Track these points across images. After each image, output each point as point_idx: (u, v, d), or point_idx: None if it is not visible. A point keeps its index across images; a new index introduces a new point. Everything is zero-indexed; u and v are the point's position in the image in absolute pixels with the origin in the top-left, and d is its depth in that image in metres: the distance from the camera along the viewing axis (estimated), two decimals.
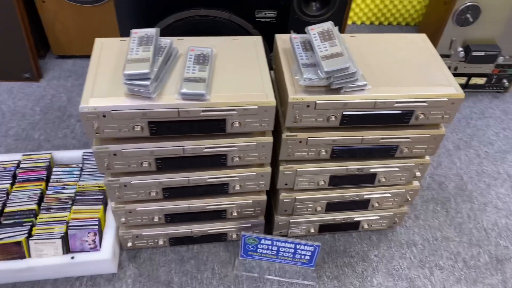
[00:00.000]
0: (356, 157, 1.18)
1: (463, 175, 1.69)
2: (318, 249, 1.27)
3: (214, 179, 1.16)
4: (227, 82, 1.03)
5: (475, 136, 1.86)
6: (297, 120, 1.05)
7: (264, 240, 1.27)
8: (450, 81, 1.09)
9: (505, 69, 1.96)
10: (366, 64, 1.11)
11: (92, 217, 1.29)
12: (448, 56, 1.89)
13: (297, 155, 1.15)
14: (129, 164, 1.08)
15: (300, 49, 1.08)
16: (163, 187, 1.16)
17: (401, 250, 1.42)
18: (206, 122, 1.01)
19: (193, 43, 1.13)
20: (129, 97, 0.96)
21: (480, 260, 1.41)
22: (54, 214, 1.30)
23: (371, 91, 1.04)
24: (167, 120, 0.99)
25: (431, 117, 1.10)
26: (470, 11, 1.75)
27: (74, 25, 1.95)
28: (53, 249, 1.23)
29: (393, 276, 1.35)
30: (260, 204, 1.27)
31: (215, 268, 1.33)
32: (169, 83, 1.01)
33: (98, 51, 1.09)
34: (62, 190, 1.37)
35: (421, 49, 1.19)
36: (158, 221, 1.25)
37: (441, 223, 1.51)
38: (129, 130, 1.00)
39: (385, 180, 1.25)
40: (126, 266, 1.32)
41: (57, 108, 1.85)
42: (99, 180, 1.40)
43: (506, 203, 1.60)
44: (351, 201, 1.31)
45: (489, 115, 1.97)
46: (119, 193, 1.15)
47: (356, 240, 1.44)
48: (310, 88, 1.03)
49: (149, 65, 0.95)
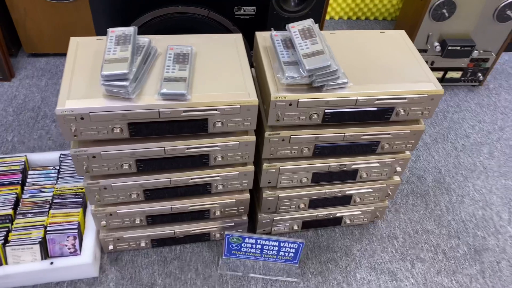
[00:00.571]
0: (338, 154, 1.18)
1: (441, 168, 1.72)
2: (302, 246, 1.27)
3: (196, 179, 1.15)
4: (208, 81, 1.02)
5: (452, 129, 1.90)
6: (279, 118, 1.05)
7: (247, 239, 1.26)
8: (430, 77, 1.10)
9: (479, 63, 2.00)
10: (347, 61, 1.11)
11: (71, 220, 1.25)
12: (425, 50, 1.92)
13: (280, 153, 1.15)
14: (108, 166, 1.05)
15: (281, 47, 1.07)
16: (144, 189, 1.14)
17: (382, 244, 1.44)
18: (188, 122, 0.99)
19: (172, 42, 1.11)
20: (107, 98, 0.94)
21: (459, 251, 1.44)
22: (31, 219, 1.26)
23: (352, 88, 1.04)
24: (147, 121, 0.97)
25: (411, 113, 1.11)
26: (446, 6, 1.78)
27: (46, 22, 1.89)
28: (31, 255, 1.20)
29: (375, 270, 1.36)
30: (243, 203, 1.26)
31: (198, 268, 1.32)
32: (148, 83, 0.99)
33: (74, 51, 1.06)
34: (38, 194, 1.33)
35: (400, 45, 1.20)
36: (139, 223, 1.23)
37: (421, 216, 1.54)
38: (108, 132, 0.97)
39: (367, 176, 1.27)
40: (108, 270, 1.30)
41: (31, 109, 1.79)
42: (77, 182, 1.36)
43: (483, 194, 1.63)
44: (333, 197, 1.32)
45: (465, 108, 2.01)
46: (99, 196, 1.12)
47: (339, 236, 1.45)
48: (292, 86, 1.03)
49: (128, 65, 0.92)
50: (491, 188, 1.66)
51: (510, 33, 1.90)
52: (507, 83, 2.18)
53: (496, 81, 2.18)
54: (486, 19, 1.84)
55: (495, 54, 1.97)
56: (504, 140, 1.86)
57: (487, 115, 1.99)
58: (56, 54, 2.06)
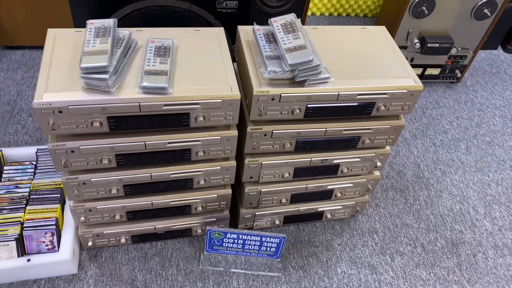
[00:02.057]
0: (319, 149, 1.19)
1: (420, 163, 1.75)
2: (283, 241, 1.27)
3: (177, 174, 1.14)
4: (190, 75, 1.01)
5: (431, 125, 1.93)
6: (261, 113, 1.05)
7: (229, 234, 1.26)
8: (410, 73, 1.12)
9: (457, 60, 2.04)
10: (329, 56, 1.12)
11: (48, 216, 1.23)
12: (405, 47, 1.95)
13: (262, 148, 1.15)
14: (88, 161, 1.03)
15: (264, 41, 1.07)
16: (124, 184, 1.12)
17: (363, 238, 1.46)
18: (169, 116, 0.98)
19: (153, 35, 1.09)
20: (86, 91, 0.92)
21: (437, 244, 1.47)
22: (7, 215, 1.23)
23: (334, 83, 1.04)
24: (127, 115, 0.95)
25: (392, 108, 1.12)
26: (426, 4, 1.80)
27: (22, 14, 1.84)
28: (7, 252, 1.17)
29: (356, 264, 1.38)
30: (225, 198, 1.26)
31: (180, 264, 1.31)
32: (128, 77, 0.97)
33: (52, 43, 1.03)
34: (14, 190, 1.29)
35: (381, 41, 1.21)
36: (119, 219, 1.21)
37: (400, 211, 1.56)
38: (87, 126, 0.95)
39: (348, 171, 1.28)
40: (87, 266, 1.27)
41: (6, 102, 1.75)
42: (55, 178, 1.33)
43: (460, 189, 1.67)
44: (315, 192, 1.32)
45: (443, 104, 2.05)
46: (78, 191, 1.10)
47: (320, 230, 1.46)
48: (274, 81, 1.02)
49: (108, 58, 0.91)
50: (468, 183, 1.69)
51: (487, 31, 1.94)
52: (483, 80, 2.23)
53: (473, 78, 2.23)
54: (464, 17, 1.87)
55: (472, 51, 2.01)
56: (480, 136, 1.91)
57: (464, 111, 2.03)
58: (32, 47, 2.01)
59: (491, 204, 1.62)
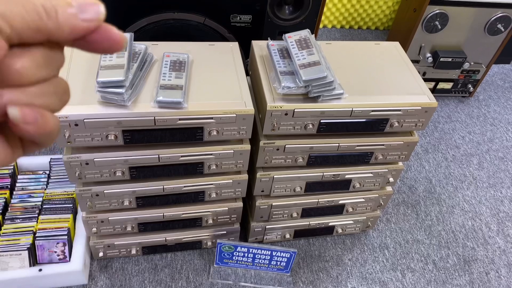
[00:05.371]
0: (332, 163, 1.19)
1: (431, 178, 1.74)
2: (294, 256, 1.27)
3: (190, 187, 1.14)
4: (204, 89, 1.01)
5: (443, 140, 1.92)
6: (274, 127, 1.05)
7: (240, 247, 1.26)
8: (423, 89, 1.11)
9: (470, 74, 2.03)
10: (342, 72, 1.12)
11: (61, 226, 1.24)
12: (417, 61, 1.94)
13: (274, 162, 1.15)
14: (101, 173, 1.04)
15: (278, 56, 1.07)
16: (137, 196, 1.13)
17: (374, 253, 1.44)
18: (183, 130, 0.99)
19: (168, 49, 1.10)
20: (102, 105, 0.93)
21: (449, 261, 1.45)
22: (20, 224, 1.24)
23: (347, 99, 1.04)
24: (142, 129, 0.96)
25: (405, 124, 1.12)
26: (439, 19, 1.80)
27: None
28: (19, 261, 1.18)
29: (366, 279, 1.37)
30: (236, 211, 1.26)
31: (189, 276, 1.31)
32: (144, 91, 0.98)
33: (68, 56, 1.05)
34: (28, 199, 1.31)
35: (395, 57, 1.21)
36: (131, 230, 1.21)
37: (412, 226, 1.55)
38: (102, 139, 0.96)
39: (360, 186, 1.27)
40: (97, 277, 1.28)
41: None
42: (68, 188, 1.35)
43: (472, 205, 1.65)
44: (326, 206, 1.32)
45: (455, 119, 2.04)
46: (91, 202, 1.11)
47: (331, 245, 1.45)
48: (287, 96, 1.03)
49: (124, 72, 0.92)
50: (481, 199, 1.68)
51: (500, 46, 1.93)
52: (496, 94, 2.21)
53: (486, 93, 2.21)
54: (478, 32, 1.87)
55: (485, 66, 2.00)
56: (493, 151, 1.89)
57: (476, 126, 2.01)
58: None
59: (504, 221, 1.60)
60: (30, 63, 0.26)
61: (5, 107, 0.26)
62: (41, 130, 0.27)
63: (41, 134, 0.27)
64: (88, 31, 0.27)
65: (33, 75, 0.26)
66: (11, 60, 0.25)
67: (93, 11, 0.27)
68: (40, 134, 0.27)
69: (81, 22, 0.27)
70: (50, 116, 0.28)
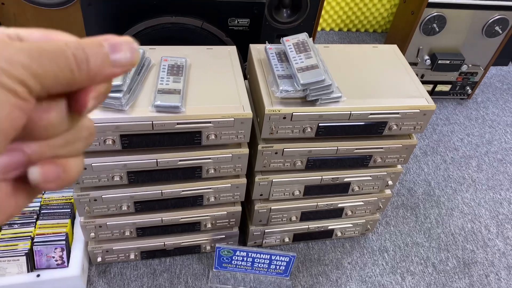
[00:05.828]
0: (330, 167, 1.19)
1: (430, 180, 1.74)
2: (293, 260, 1.26)
3: (188, 191, 1.14)
4: (202, 93, 1.01)
5: (441, 142, 1.92)
6: (273, 131, 1.05)
7: (239, 251, 1.25)
8: (422, 92, 1.11)
9: (468, 77, 2.03)
10: (341, 75, 1.12)
11: (59, 231, 1.23)
12: (415, 64, 1.94)
13: (273, 166, 1.14)
14: (99, 178, 1.03)
15: (276, 60, 1.07)
16: (135, 201, 1.12)
17: (373, 256, 1.44)
18: (181, 134, 0.99)
19: (166, 53, 1.10)
20: (100, 109, 0.93)
21: (448, 264, 1.45)
22: (18, 230, 1.23)
23: (346, 102, 1.04)
24: (140, 133, 0.96)
25: (404, 127, 1.12)
26: (437, 21, 1.80)
27: None
28: (17, 267, 1.17)
29: (366, 283, 1.36)
30: (235, 215, 1.25)
31: (188, 281, 1.30)
32: (142, 95, 0.98)
33: None
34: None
35: (393, 60, 1.21)
36: (129, 235, 1.21)
37: (411, 229, 1.55)
38: (100, 143, 0.96)
39: (359, 189, 1.27)
40: (96, 282, 1.27)
41: None
42: (65, 193, 1.34)
43: (472, 207, 1.65)
44: (325, 210, 1.31)
45: (454, 121, 2.04)
46: (89, 207, 1.10)
47: (330, 248, 1.45)
48: (286, 99, 1.03)
49: (122, 77, 0.91)
50: (480, 201, 1.67)
51: (498, 48, 1.93)
52: (494, 96, 2.21)
53: (484, 95, 2.22)
54: (475, 34, 1.87)
55: (483, 68, 2.00)
56: (492, 153, 1.89)
57: (475, 128, 2.01)
58: None
59: (503, 223, 1.60)
60: (56, 119, 0.25)
61: (29, 160, 0.24)
62: (63, 183, 0.25)
63: (62, 187, 0.26)
64: (118, 75, 0.26)
65: (58, 129, 0.25)
66: (37, 115, 0.24)
67: (128, 49, 0.25)
68: (61, 188, 0.26)
69: (113, 69, 0.25)
70: (73, 165, 0.26)
